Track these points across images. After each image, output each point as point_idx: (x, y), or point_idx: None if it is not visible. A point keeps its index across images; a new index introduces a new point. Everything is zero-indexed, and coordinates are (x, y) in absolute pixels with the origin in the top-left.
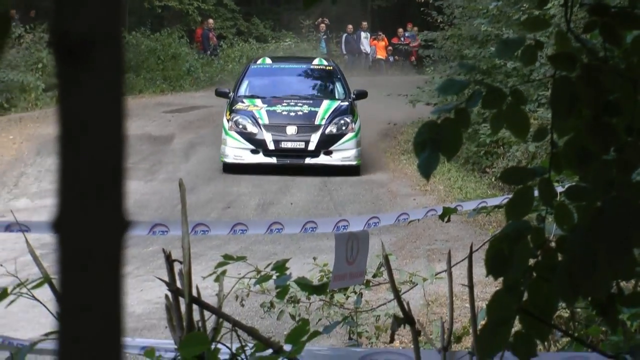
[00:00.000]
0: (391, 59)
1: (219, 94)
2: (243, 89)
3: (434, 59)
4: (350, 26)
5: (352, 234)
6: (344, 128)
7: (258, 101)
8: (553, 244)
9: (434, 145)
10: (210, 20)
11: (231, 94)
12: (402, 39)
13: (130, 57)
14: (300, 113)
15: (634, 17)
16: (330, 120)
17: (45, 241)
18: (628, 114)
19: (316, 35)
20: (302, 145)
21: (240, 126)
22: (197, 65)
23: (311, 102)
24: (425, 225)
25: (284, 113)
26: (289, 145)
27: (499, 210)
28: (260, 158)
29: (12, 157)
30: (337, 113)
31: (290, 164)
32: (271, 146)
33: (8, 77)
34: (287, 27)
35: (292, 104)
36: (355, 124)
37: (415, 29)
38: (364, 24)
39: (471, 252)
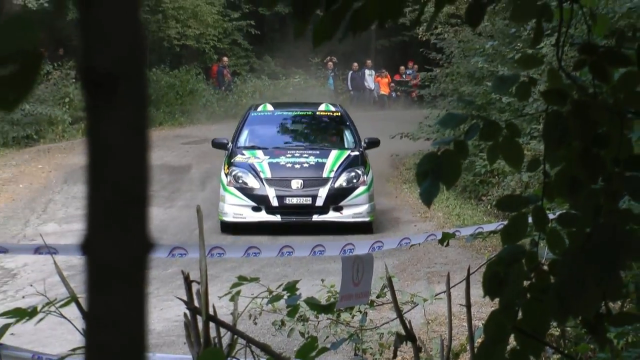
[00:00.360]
0: (394, 94)
1: (216, 145)
2: (243, 139)
3: (433, 95)
4: (355, 64)
5: (357, 257)
6: (355, 181)
7: (259, 152)
8: (546, 267)
9: (435, 175)
10: (225, 58)
11: (230, 145)
12: (404, 76)
13: (151, 92)
14: (306, 165)
15: (621, 55)
16: (339, 173)
17: (72, 263)
18: (615, 146)
19: (324, 72)
20: (308, 200)
21: (240, 181)
22: (212, 100)
23: (318, 152)
24: (425, 250)
25: (288, 165)
26: (294, 201)
27: (495, 236)
28: (262, 216)
29: (40, 185)
30: (347, 164)
31: (296, 222)
32: (274, 202)
33: (37, 111)
34: (297, 65)
35: (297, 155)
36: (367, 176)
37: (416, 66)
38: (369, 62)
39: (468, 275)
